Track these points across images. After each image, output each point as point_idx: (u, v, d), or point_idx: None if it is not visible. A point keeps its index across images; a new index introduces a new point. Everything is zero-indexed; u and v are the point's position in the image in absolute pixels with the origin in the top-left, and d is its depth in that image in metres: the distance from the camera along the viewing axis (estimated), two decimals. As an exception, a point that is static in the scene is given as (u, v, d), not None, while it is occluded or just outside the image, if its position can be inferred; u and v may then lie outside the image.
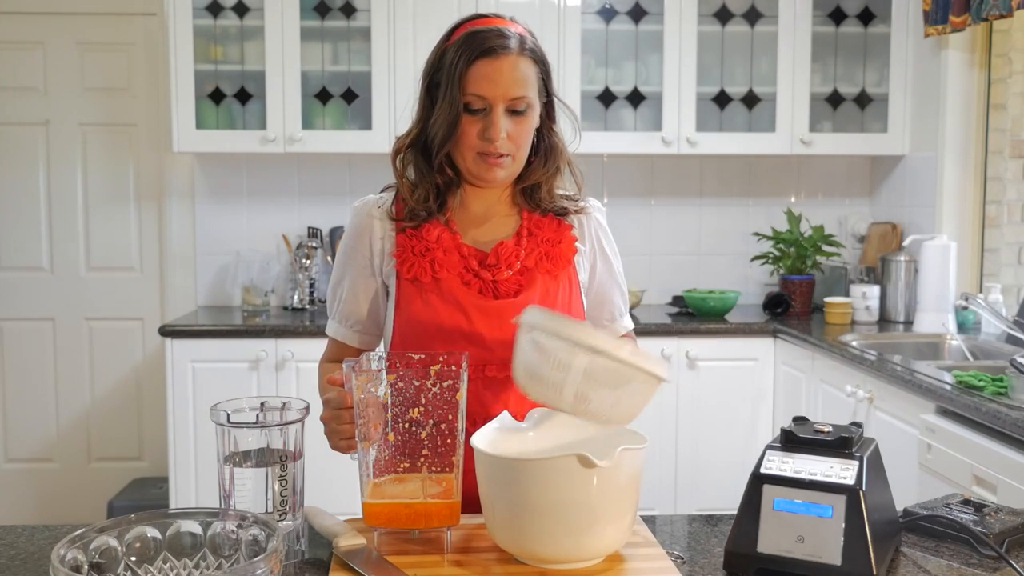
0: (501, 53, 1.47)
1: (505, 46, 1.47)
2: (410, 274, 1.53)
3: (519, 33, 1.50)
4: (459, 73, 1.47)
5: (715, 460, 3.54)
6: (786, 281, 3.84)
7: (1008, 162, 3.47)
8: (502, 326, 1.48)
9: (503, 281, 1.53)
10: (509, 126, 1.48)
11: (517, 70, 1.47)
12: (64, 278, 4.06)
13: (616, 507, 1.19)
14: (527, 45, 1.50)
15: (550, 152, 1.59)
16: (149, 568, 1.01)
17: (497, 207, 1.60)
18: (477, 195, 1.59)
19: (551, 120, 1.58)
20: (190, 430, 3.42)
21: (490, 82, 1.46)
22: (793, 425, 1.29)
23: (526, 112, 1.50)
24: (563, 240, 1.59)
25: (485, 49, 1.47)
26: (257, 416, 1.23)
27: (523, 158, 1.54)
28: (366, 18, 3.61)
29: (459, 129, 1.49)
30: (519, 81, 1.47)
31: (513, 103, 1.48)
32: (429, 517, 1.25)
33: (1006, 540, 1.30)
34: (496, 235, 1.58)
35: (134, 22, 4.00)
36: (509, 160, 1.51)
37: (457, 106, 1.47)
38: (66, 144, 4.02)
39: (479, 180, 1.54)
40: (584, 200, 1.64)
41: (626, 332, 1.70)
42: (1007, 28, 3.39)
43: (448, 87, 1.48)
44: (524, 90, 1.48)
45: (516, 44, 1.48)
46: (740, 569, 1.22)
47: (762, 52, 3.78)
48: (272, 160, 3.93)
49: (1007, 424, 2.13)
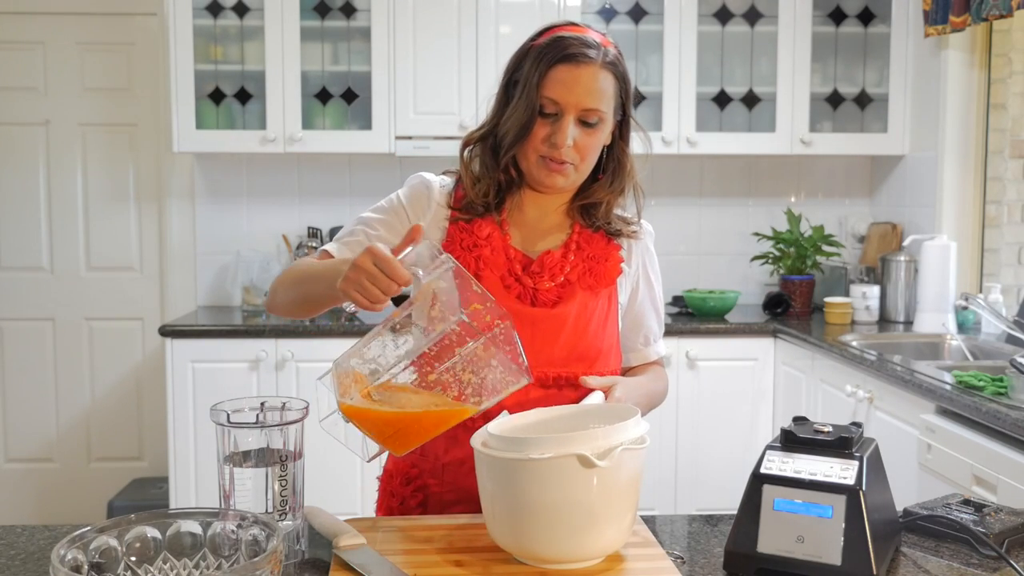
0: (583, 61, 1.45)
1: (588, 55, 1.46)
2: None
3: (604, 45, 1.49)
4: (538, 75, 1.46)
5: (715, 460, 3.54)
6: (786, 281, 3.84)
7: (1008, 162, 3.47)
8: (533, 334, 1.47)
9: (543, 290, 1.52)
10: (577, 135, 1.47)
11: (595, 81, 1.46)
12: (64, 278, 4.06)
13: (616, 507, 1.19)
14: (610, 59, 1.48)
15: (618, 171, 1.57)
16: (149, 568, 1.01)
17: (551, 215, 1.59)
18: (534, 200, 1.58)
19: (624, 139, 1.56)
20: (190, 430, 3.42)
21: (566, 88, 1.45)
22: (793, 425, 1.29)
23: (597, 125, 1.48)
24: (610, 259, 1.58)
25: (567, 55, 1.45)
26: (257, 416, 1.23)
27: (586, 170, 1.52)
28: (366, 18, 3.61)
29: (531, 131, 1.47)
30: (595, 92, 1.46)
31: (585, 114, 1.46)
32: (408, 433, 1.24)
33: (1006, 540, 1.30)
34: (544, 243, 1.57)
35: (134, 22, 4.00)
36: (571, 169, 1.49)
37: (532, 107, 1.46)
38: (66, 144, 4.02)
39: (539, 184, 1.53)
40: (638, 225, 1.63)
41: (657, 359, 1.69)
42: (1007, 28, 3.39)
43: (525, 87, 1.47)
44: (599, 103, 1.46)
45: (600, 56, 1.47)
46: (740, 569, 1.22)
47: (762, 52, 3.78)
48: (272, 160, 3.93)
49: (1007, 424, 2.13)
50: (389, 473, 1.62)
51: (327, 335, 3.43)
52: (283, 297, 1.54)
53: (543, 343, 1.49)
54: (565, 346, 1.51)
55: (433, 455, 1.55)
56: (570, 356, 1.51)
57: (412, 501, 1.56)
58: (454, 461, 1.53)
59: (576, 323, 1.52)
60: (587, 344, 1.53)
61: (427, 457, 1.56)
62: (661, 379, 1.66)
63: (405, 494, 1.56)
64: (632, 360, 1.67)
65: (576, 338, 1.52)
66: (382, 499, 1.62)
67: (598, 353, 1.54)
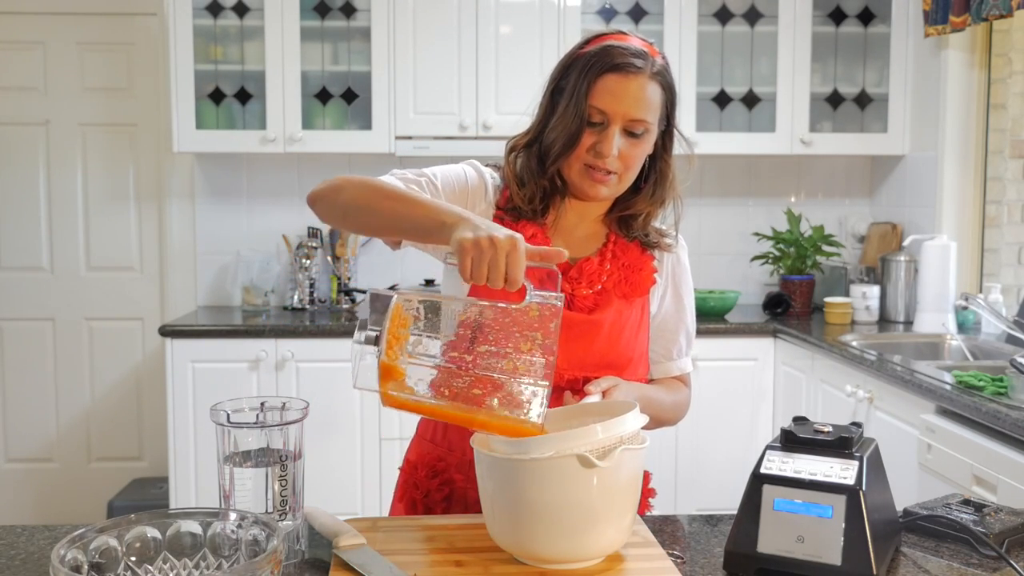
0: (632, 72, 1.45)
1: (637, 66, 1.45)
2: None
3: (653, 56, 1.48)
4: (586, 84, 1.45)
5: (715, 460, 3.54)
6: (786, 281, 3.84)
7: (1008, 162, 3.47)
8: (568, 338, 1.46)
9: (580, 297, 1.52)
10: (623, 145, 1.46)
11: (643, 92, 1.45)
12: (64, 278, 4.06)
13: (616, 507, 1.19)
14: (658, 70, 1.48)
15: (660, 182, 1.56)
16: (149, 568, 1.01)
17: (588, 223, 1.59)
18: (575, 208, 1.57)
19: (667, 151, 1.56)
20: (190, 430, 3.42)
21: (614, 98, 1.45)
22: (793, 425, 1.29)
23: (643, 136, 1.48)
24: (644, 269, 1.58)
25: (616, 64, 1.45)
26: (257, 416, 1.23)
27: (629, 181, 1.52)
28: (366, 18, 3.61)
29: (579, 140, 1.47)
30: (643, 103, 1.45)
31: (632, 124, 1.46)
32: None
33: (1006, 540, 1.30)
34: (580, 250, 1.56)
35: (134, 22, 4.00)
36: (615, 179, 1.49)
37: (580, 116, 1.45)
38: (66, 144, 4.02)
39: (581, 194, 1.52)
40: (673, 238, 1.62)
41: (680, 374, 1.67)
42: (1007, 28, 3.39)
43: (573, 96, 1.46)
44: (646, 114, 1.46)
45: (648, 66, 1.46)
46: (740, 569, 1.22)
47: (762, 52, 3.78)
48: (272, 160, 3.93)
49: (1007, 424, 2.13)
50: (413, 464, 1.61)
51: (327, 335, 3.43)
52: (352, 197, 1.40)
53: (577, 348, 1.48)
54: (598, 352, 1.51)
55: (460, 450, 1.55)
56: (601, 362, 1.51)
57: (437, 495, 1.55)
58: None
59: (611, 330, 1.52)
60: (619, 352, 1.53)
61: (454, 452, 1.56)
62: (678, 392, 1.64)
63: (431, 487, 1.56)
64: (655, 372, 1.66)
65: (609, 345, 1.52)
66: (404, 490, 1.60)
67: (628, 361, 1.55)
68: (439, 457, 1.58)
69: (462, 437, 1.55)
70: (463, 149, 3.54)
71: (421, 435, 1.64)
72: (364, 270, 3.97)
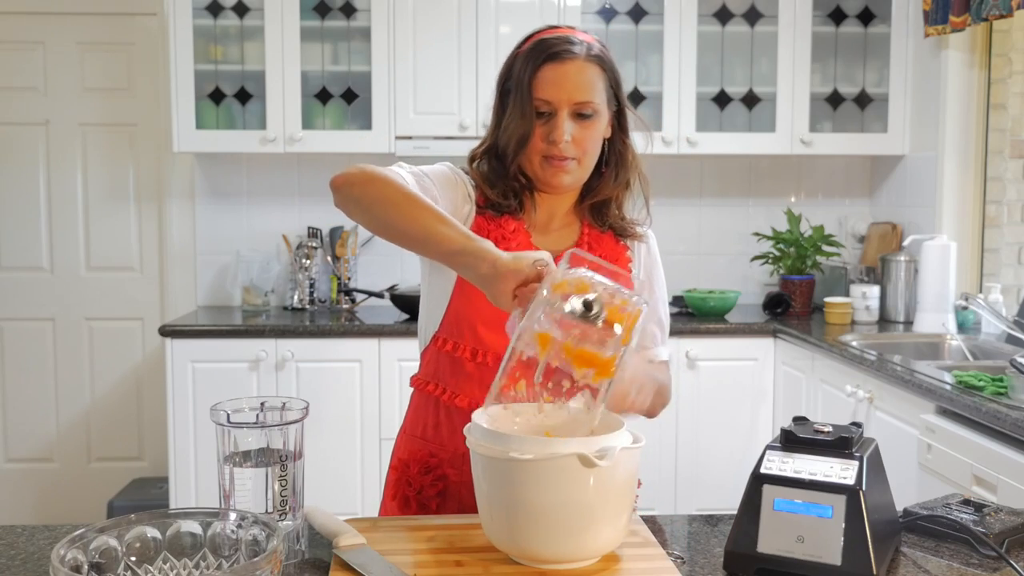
0: (567, 57, 1.49)
1: (571, 51, 1.49)
2: None
3: (587, 41, 1.52)
4: (527, 79, 1.50)
5: (715, 460, 3.54)
6: (786, 281, 3.84)
7: (1008, 162, 3.47)
8: None
9: None
10: (574, 130, 1.50)
11: (583, 74, 1.49)
12: (64, 278, 4.06)
13: (613, 506, 1.19)
14: (594, 52, 1.51)
15: (620, 163, 1.59)
16: (149, 568, 1.01)
17: (561, 217, 1.61)
18: (545, 201, 1.60)
19: (622, 131, 1.59)
20: (190, 430, 3.42)
21: (555, 86, 1.49)
22: (793, 425, 1.29)
23: (592, 117, 1.51)
24: (619, 260, 1.60)
25: (551, 54, 1.50)
26: (257, 416, 1.23)
27: (589, 164, 1.54)
28: (366, 18, 3.61)
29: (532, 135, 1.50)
30: (584, 85, 1.49)
31: (578, 107, 1.49)
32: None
33: (1006, 540, 1.30)
34: (557, 244, 1.58)
35: (134, 22, 4.00)
36: (574, 164, 1.52)
37: (528, 111, 1.50)
38: (66, 144, 4.02)
39: (545, 185, 1.55)
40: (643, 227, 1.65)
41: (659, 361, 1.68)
42: (1007, 28, 3.39)
43: (518, 93, 1.51)
44: (589, 95, 1.50)
45: (583, 50, 1.50)
46: (740, 569, 1.22)
47: (762, 52, 3.78)
48: (272, 160, 3.93)
49: (1007, 424, 2.13)
50: (404, 462, 1.61)
51: (327, 335, 3.43)
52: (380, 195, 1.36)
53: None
54: None
55: (452, 445, 1.55)
56: None
57: (431, 491, 1.56)
58: None
59: None
60: None
61: (446, 447, 1.56)
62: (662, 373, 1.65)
63: (424, 483, 1.56)
64: None
65: None
66: (396, 488, 1.60)
67: None
68: (431, 453, 1.58)
69: (453, 432, 1.56)
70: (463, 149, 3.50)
71: (410, 432, 1.64)
72: (364, 270, 3.97)
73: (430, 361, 1.60)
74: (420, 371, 1.64)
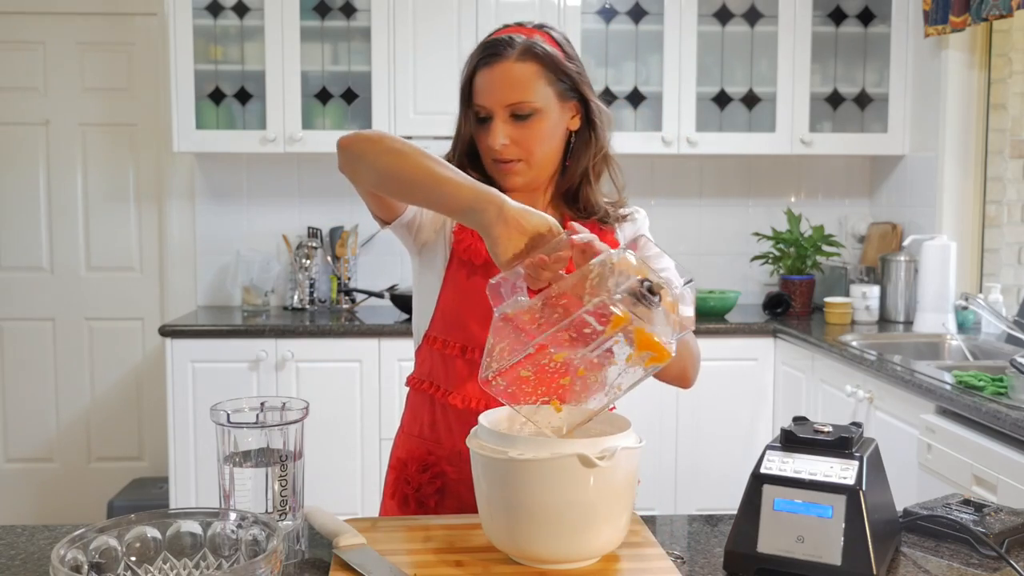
0: (494, 62, 1.48)
1: (498, 54, 1.48)
2: (465, 255, 1.54)
3: (525, 37, 1.50)
4: (467, 87, 1.51)
5: (715, 460, 3.54)
6: (786, 281, 3.84)
7: (1008, 162, 3.47)
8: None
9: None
10: (512, 132, 1.49)
11: (509, 75, 1.47)
12: (64, 278, 4.06)
13: (614, 506, 1.19)
14: (530, 49, 1.48)
15: (584, 151, 1.57)
16: (149, 568, 1.01)
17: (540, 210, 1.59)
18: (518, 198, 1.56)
19: (590, 124, 1.56)
20: (190, 430, 3.42)
21: (486, 92, 1.49)
22: (793, 425, 1.29)
23: (532, 116, 1.49)
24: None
25: (480, 60, 1.50)
26: (257, 416, 1.23)
27: (540, 163, 1.53)
28: (366, 18, 3.61)
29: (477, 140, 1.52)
30: (515, 86, 1.47)
31: (513, 108, 1.48)
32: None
33: (1006, 540, 1.30)
34: None
35: (134, 22, 4.00)
36: (522, 166, 1.51)
37: (468, 117, 1.51)
38: (66, 144, 4.02)
39: (502, 187, 1.53)
40: (628, 208, 1.64)
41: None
42: (1007, 28, 3.39)
43: (461, 101, 1.53)
44: (522, 95, 1.47)
45: (513, 50, 1.48)
46: (740, 569, 1.22)
47: (762, 52, 3.78)
48: (272, 160, 3.93)
49: (1007, 424, 2.13)
50: (403, 461, 1.61)
51: (327, 335, 3.43)
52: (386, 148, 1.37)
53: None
54: None
55: (450, 443, 1.55)
56: None
57: (429, 488, 1.56)
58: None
59: None
60: None
61: (443, 444, 1.57)
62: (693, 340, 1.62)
63: (422, 481, 1.56)
64: None
65: None
66: (395, 487, 1.60)
67: None
68: (428, 451, 1.58)
69: (449, 430, 1.56)
70: (463, 149, 3.54)
71: (408, 431, 1.64)
72: (364, 270, 3.97)
73: (424, 360, 1.61)
74: (415, 370, 1.64)
